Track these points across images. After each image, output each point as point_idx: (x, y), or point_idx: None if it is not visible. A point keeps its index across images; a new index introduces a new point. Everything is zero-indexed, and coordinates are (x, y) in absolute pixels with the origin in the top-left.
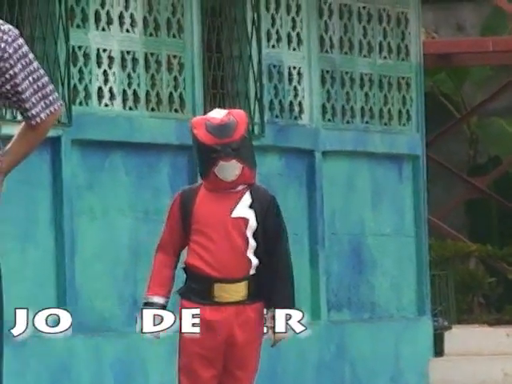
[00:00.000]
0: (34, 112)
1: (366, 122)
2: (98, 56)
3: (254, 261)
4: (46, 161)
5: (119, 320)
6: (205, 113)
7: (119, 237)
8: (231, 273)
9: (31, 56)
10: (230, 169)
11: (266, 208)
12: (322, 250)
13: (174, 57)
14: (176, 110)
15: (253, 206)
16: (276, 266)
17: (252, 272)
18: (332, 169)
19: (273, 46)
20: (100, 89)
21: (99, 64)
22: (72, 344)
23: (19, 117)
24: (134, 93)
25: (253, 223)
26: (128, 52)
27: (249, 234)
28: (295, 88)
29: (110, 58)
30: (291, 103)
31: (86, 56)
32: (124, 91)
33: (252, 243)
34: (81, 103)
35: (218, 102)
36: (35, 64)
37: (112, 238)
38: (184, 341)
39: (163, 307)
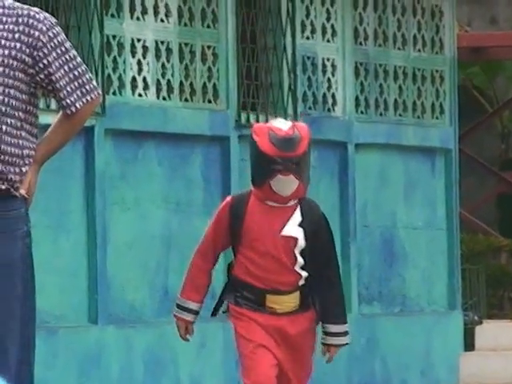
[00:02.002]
0: (69, 101)
1: (399, 115)
2: (133, 46)
3: (303, 274)
4: (78, 151)
5: (150, 310)
6: (238, 104)
7: (151, 227)
8: (281, 287)
9: (68, 45)
10: (288, 184)
11: (316, 228)
12: (354, 242)
13: (208, 47)
14: (209, 101)
15: (302, 224)
16: (327, 284)
17: (302, 283)
18: (364, 161)
19: (307, 38)
20: (134, 78)
21: (133, 54)
22: (102, 334)
23: (53, 105)
24: (168, 83)
25: (301, 242)
26: (162, 42)
27: (297, 252)
28: (329, 80)
29: (144, 48)
30: (324, 95)
31: (120, 45)
32: (158, 81)
33: (300, 260)
34: (114, 93)
35: (252, 93)
36: (72, 53)
37: (144, 228)
38: (241, 341)
39: (196, 313)
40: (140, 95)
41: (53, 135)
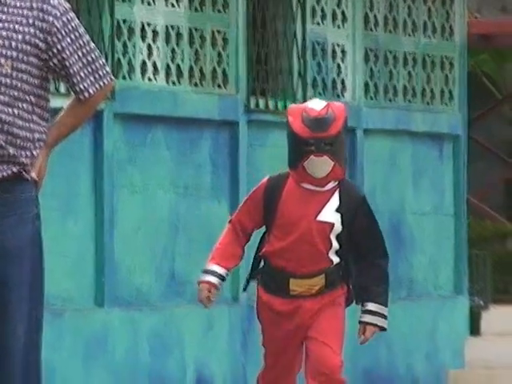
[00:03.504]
0: (82, 86)
1: (409, 101)
2: (143, 30)
3: (335, 259)
4: (87, 134)
5: (156, 294)
6: (247, 89)
7: (159, 211)
8: (309, 270)
9: (81, 30)
10: (321, 165)
11: (355, 212)
12: None
13: (219, 32)
14: (219, 86)
15: (340, 209)
16: (371, 266)
17: (331, 266)
18: (373, 147)
19: (317, 23)
20: (144, 63)
21: (143, 38)
22: (108, 317)
23: (62, 89)
24: (178, 68)
25: (338, 227)
26: (172, 27)
27: (332, 237)
28: (338, 65)
29: (155, 33)
30: (334, 81)
31: (131, 30)
32: (167, 66)
33: (335, 245)
34: (124, 77)
35: (262, 78)
36: (85, 38)
37: (152, 212)
38: (264, 326)
39: (222, 278)
40: (149, 80)
41: (64, 119)
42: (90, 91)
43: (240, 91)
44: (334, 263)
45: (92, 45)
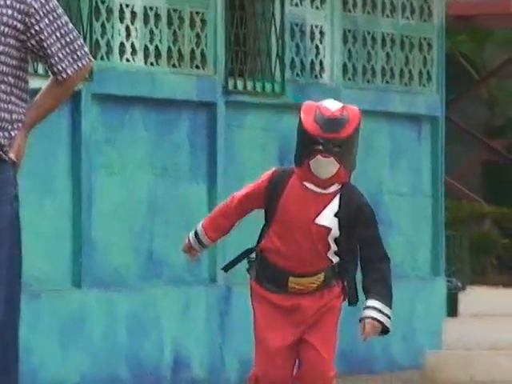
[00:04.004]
0: (60, 67)
1: (387, 82)
2: (121, 11)
3: (335, 259)
4: (65, 115)
5: (134, 275)
6: (226, 70)
7: (137, 192)
8: (309, 269)
9: (60, 11)
10: (326, 166)
11: (354, 218)
12: None
13: (197, 13)
14: (197, 67)
15: (338, 214)
16: (371, 267)
17: (330, 265)
18: None
19: (296, 4)
20: (122, 44)
21: (122, 19)
22: (86, 298)
23: (41, 70)
24: (156, 49)
25: (335, 232)
26: (151, 8)
27: (330, 240)
28: (317, 46)
29: (133, 14)
30: (312, 62)
31: (109, 11)
32: (146, 47)
33: (333, 247)
34: (102, 58)
35: (240, 59)
36: (63, 19)
37: (130, 193)
38: (257, 325)
39: (204, 247)
40: (128, 60)
41: (43, 100)
42: (68, 72)
43: (218, 72)
44: (334, 262)
45: (70, 25)
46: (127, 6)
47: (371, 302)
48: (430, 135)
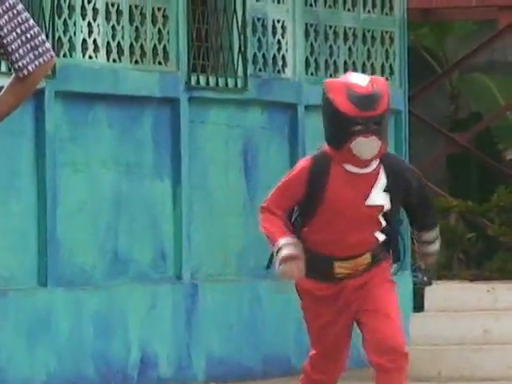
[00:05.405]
0: (21, 64)
1: None
2: (83, 8)
3: (381, 237)
4: (28, 112)
5: (100, 273)
6: (188, 66)
7: (101, 190)
8: (354, 252)
9: (20, 7)
10: (369, 146)
11: (403, 183)
12: None
13: (159, 9)
14: (160, 63)
15: (388, 187)
16: (426, 216)
17: (377, 243)
18: (314, 123)
19: None
20: (84, 41)
21: (84, 16)
22: (52, 297)
23: (3, 68)
24: (118, 45)
25: (387, 207)
26: (112, 4)
27: (380, 216)
28: (279, 41)
29: (95, 10)
30: (274, 56)
31: (71, 7)
32: (108, 43)
33: (383, 223)
34: (65, 55)
35: (202, 55)
36: (24, 15)
37: (94, 190)
38: (307, 313)
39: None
40: (90, 57)
41: (5, 98)
42: (30, 68)
43: (181, 68)
44: (380, 241)
45: (31, 22)
46: (89, 2)
47: (428, 236)
48: (394, 129)
